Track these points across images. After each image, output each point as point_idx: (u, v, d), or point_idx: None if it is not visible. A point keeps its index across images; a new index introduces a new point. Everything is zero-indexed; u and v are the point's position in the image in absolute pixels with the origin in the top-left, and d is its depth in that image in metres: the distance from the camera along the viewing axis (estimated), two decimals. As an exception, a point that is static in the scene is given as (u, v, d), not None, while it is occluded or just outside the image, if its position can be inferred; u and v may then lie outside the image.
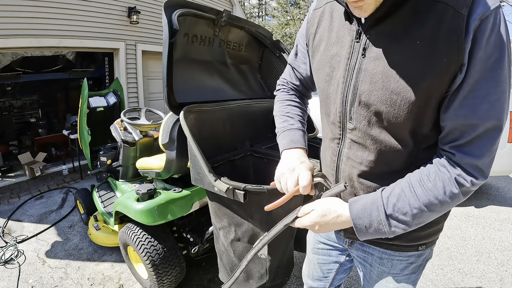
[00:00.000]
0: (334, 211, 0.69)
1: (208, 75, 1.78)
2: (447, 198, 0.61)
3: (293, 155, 0.81)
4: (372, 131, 0.70)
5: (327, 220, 0.70)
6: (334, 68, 0.75)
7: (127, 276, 2.22)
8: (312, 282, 1.12)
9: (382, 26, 0.64)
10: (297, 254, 2.42)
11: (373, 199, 0.67)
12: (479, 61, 0.56)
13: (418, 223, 0.65)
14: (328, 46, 0.77)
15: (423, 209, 0.62)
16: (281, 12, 20.97)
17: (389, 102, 0.64)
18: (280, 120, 0.93)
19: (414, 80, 0.60)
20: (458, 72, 0.57)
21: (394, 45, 0.63)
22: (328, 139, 0.83)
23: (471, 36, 0.55)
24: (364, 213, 0.66)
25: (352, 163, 0.76)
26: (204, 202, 1.84)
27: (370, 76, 0.66)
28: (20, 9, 3.90)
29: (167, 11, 1.29)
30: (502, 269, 2.28)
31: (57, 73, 5.76)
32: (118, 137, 2.46)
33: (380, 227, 0.65)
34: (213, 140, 1.53)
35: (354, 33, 0.70)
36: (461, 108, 0.59)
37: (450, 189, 0.60)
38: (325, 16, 0.79)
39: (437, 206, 0.62)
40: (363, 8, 0.61)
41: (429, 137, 0.68)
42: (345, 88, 0.72)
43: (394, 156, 0.70)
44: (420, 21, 0.59)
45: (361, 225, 0.66)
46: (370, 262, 0.88)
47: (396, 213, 0.64)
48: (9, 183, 4.21)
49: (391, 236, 0.66)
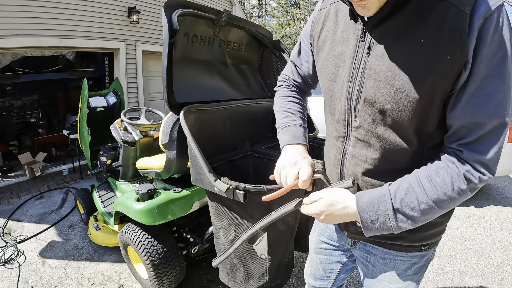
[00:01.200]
0: (342, 202, 0.69)
1: (208, 75, 1.78)
2: (455, 194, 0.61)
3: (295, 150, 0.82)
4: (377, 129, 0.70)
5: (333, 210, 0.70)
6: (339, 67, 0.76)
7: (127, 276, 2.22)
8: (314, 281, 1.12)
9: (386, 25, 0.65)
10: (297, 254, 2.42)
11: (381, 193, 0.67)
12: (484, 59, 0.56)
13: (425, 219, 0.65)
14: (333, 45, 0.78)
15: (431, 204, 0.62)
16: (281, 12, 20.98)
17: (394, 100, 0.64)
18: (282, 115, 0.94)
19: (418, 77, 0.61)
20: (462, 70, 0.58)
21: (398, 44, 0.64)
22: (333, 137, 0.84)
23: (476, 34, 0.56)
24: (371, 207, 0.66)
25: (357, 161, 0.76)
26: (204, 202, 1.84)
27: (375, 74, 0.67)
28: (20, 9, 3.90)
29: (167, 11, 1.29)
30: (502, 269, 2.28)
31: (57, 73, 5.75)
32: (118, 137, 2.46)
33: (386, 222, 0.65)
34: (213, 140, 1.53)
35: (359, 32, 0.70)
36: (468, 106, 0.59)
37: (458, 185, 0.60)
38: (330, 16, 0.80)
39: (445, 202, 0.62)
40: (366, 6, 0.62)
41: (434, 136, 0.68)
42: (350, 86, 0.72)
43: (398, 154, 0.70)
44: (423, 20, 0.60)
45: (367, 219, 0.66)
46: (372, 263, 0.88)
47: (403, 207, 0.63)
48: (9, 183, 4.21)
49: (397, 232, 0.66)
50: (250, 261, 1.26)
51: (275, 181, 0.83)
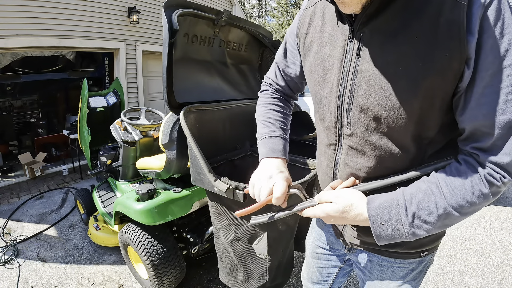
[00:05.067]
0: (355, 208, 0.64)
1: (208, 75, 1.78)
2: (475, 198, 0.55)
3: (272, 164, 0.78)
4: (371, 136, 0.65)
5: (345, 217, 0.64)
6: (327, 71, 0.71)
7: (127, 276, 2.22)
8: (311, 285, 1.10)
9: (375, 22, 0.60)
10: (297, 254, 2.41)
11: (393, 196, 0.62)
12: (491, 52, 0.51)
13: (442, 226, 0.59)
14: (320, 47, 0.73)
15: (449, 210, 0.57)
16: (281, 12, 20.96)
17: (388, 104, 0.60)
18: (261, 125, 0.89)
19: (414, 79, 0.56)
20: (464, 68, 0.53)
21: (390, 43, 0.58)
22: (324, 145, 0.79)
23: (477, 27, 0.51)
24: (382, 210, 0.61)
25: (350, 170, 0.72)
26: (204, 202, 1.84)
27: (367, 77, 0.62)
28: (20, 9, 3.90)
29: (167, 11, 1.29)
30: (502, 269, 2.28)
31: (57, 73, 5.76)
32: (118, 137, 2.46)
33: (399, 227, 0.60)
34: (213, 140, 1.53)
35: (347, 32, 0.65)
36: (479, 107, 0.53)
37: (479, 188, 0.55)
38: (316, 15, 0.75)
39: (464, 207, 0.56)
40: (345, 2, 0.57)
41: (436, 141, 0.63)
42: (340, 91, 0.67)
43: (395, 162, 0.66)
44: (417, 15, 0.55)
45: (378, 223, 0.61)
46: (369, 269, 0.85)
47: (420, 211, 0.58)
48: (9, 183, 4.21)
49: (411, 239, 0.60)
50: (250, 261, 1.26)
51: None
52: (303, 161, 1.50)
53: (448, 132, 0.63)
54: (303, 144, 1.86)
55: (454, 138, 0.63)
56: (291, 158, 1.55)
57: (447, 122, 0.61)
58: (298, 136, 1.85)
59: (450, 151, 0.64)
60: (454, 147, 0.63)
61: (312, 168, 1.46)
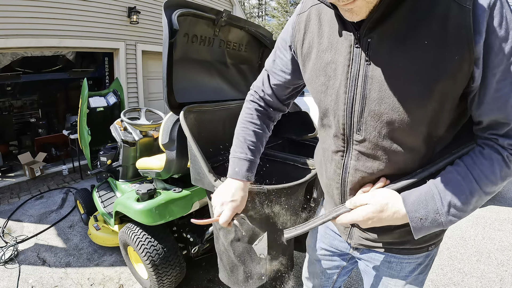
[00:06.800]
0: (391, 206, 0.64)
1: (208, 75, 1.78)
2: (500, 178, 0.60)
3: (231, 187, 0.86)
4: (384, 141, 0.66)
5: (382, 217, 0.65)
6: (330, 77, 0.70)
7: (127, 276, 2.22)
8: (313, 285, 1.10)
9: (383, 27, 0.60)
10: (297, 254, 2.41)
11: (426, 190, 0.63)
12: (500, 50, 0.54)
13: (473, 208, 0.62)
14: (320, 53, 0.71)
15: (480, 193, 0.60)
16: (281, 12, 20.98)
17: (402, 109, 0.60)
18: (234, 142, 0.95)
19: (426, 83, 0.57)
20: (473, 69, 0.55)
21: (400, 48, 0.59)
22: (330, 151, 0.78)
23: (485, 28, 0.53)
24: (419, 205, 0.62)
25: (362, 174, 0.72)
26: (204, 202, 1.84)
27: (379, 83, 0.62)
28: (20, 9, 3.90)
29: (167, 11, 1.29)
30: (502, 269, 2.28)
31: (57, 73, 5.76)
32: (118, 137, 2.46)
33: (436, 218, 0.61)
34: (213, 140, 1.53)
35: (352, 37, 0.64)
36: (495, 101, 0.57)
37: (503, 168, 0.60)
38: (312, 20, 0.73)
39: (492, 187, 0.60)
40: (354, 11, 0.56)
41: (444, 138, 0.66)
42: (349, 98, 0.67)
43: (407, 162, 0.67)
44: (425, 19, 0.56)
45: (416, 218, 0.62)
46: (377, 268, 0.86)
47: (454, 199, 0.60)
48: (9, 183, 4.21)
49: (447, 227, 0.64)
50: (250, 261, 1.26)
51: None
52: (303, 161, 1.50)
53: (454, 128, 0.66)
54: (303, 144, 1.86)
55: (459, 132, 0.67)
56: (291, 158, 1.55)
57: (454, 120, 0.64)
58: (298, 136, 1.85)
59: (456, 144, 0.67)
60: (459, 139, 0.67)
61: (312, 168, 1.46)
